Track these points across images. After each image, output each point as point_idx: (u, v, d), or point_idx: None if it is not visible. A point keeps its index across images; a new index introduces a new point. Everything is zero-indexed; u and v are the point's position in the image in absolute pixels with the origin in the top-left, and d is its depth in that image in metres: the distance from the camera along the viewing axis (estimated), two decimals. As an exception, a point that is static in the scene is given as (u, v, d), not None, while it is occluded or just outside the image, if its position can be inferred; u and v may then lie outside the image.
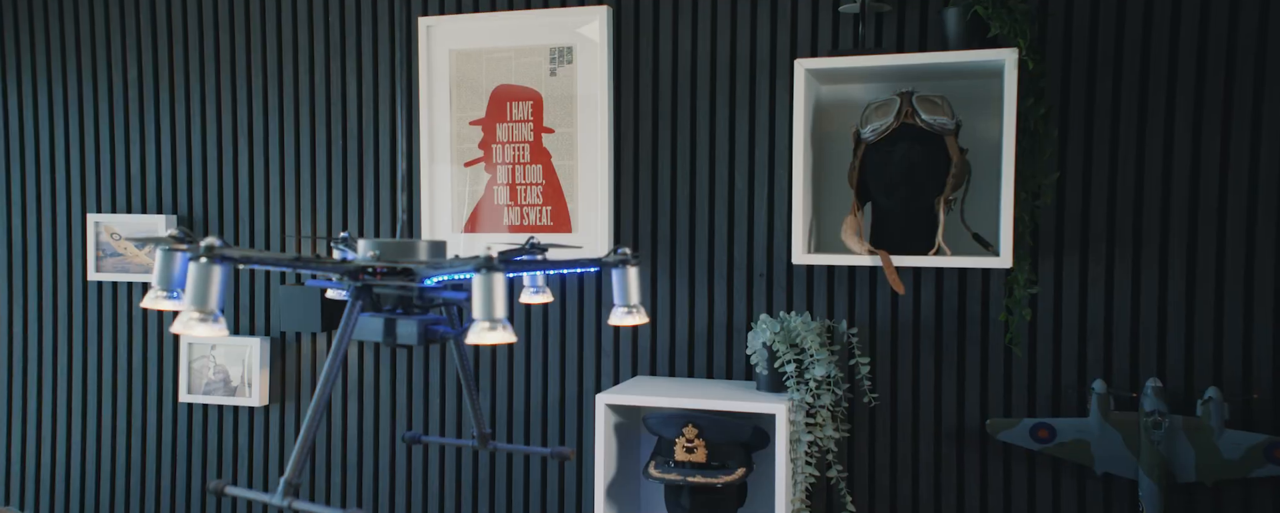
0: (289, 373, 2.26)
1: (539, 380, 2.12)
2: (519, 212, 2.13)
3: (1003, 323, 1.86)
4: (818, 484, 1.95)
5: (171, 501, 2.34)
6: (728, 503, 1.88)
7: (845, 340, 1.94)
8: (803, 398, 1.83)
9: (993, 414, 1.87)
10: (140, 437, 2.36)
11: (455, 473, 2.17)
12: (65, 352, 2.40)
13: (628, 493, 2.00)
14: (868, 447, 1.95)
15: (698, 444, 1.85)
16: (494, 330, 1.26)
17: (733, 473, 1.83)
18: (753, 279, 2.00)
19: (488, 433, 1.64)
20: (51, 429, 2.42)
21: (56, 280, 2.40)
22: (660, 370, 2.07)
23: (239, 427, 2.30)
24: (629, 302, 1.54)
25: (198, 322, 1.17)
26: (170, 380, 2.34)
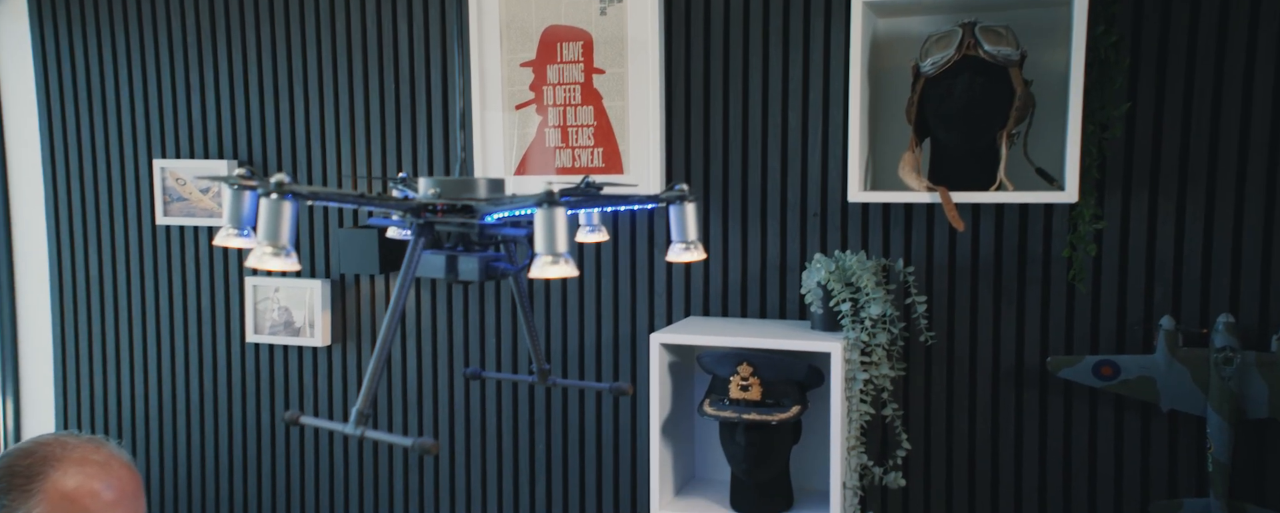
0: (350, 314, 2.27)
1: (592, 320, 2.10)
2: (570, 154, 2.08)
3: (1066, 259, 1.78)
4: (873, 422, 1.91)
5: (243, 435, 2.39)
6: (782, 440, 1.85)
7: (901, 279, 1.88)
8: (858, 337, 1.78)
9: (1053, 353, 1.80)
10: (212, 375, 2.40)
11: (513, 408, 2.17)
12: (138, 294, 2.44)
13: (682, 431, 1.99)
14: (924, 385, 1.90)
15: (752, 382, 1.82)
16: (556, 265, 1.24)
17: (787, 411, 1.79)
18: (806, 218, 1.94)
19: (547, 368, 1.62)
20: (129, 368, 2.47)
21: (127, 225, 2.43)
22: (713, 311, 2.03)
23: (304, 366, 2.32)
24: (687, 238, 1.49)
25: (271, 256, 1.18)
26: (237, 322, 2.36)
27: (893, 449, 1.90)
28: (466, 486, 2.21)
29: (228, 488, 2.41)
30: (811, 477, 1.97)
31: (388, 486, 2.28)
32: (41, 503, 1.26)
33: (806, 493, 1.95)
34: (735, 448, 1.83)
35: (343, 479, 2.31)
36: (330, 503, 2.33)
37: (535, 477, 2.16)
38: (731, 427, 1.85)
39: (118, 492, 1.31)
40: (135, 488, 1.34)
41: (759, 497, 1.85)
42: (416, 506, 2.26)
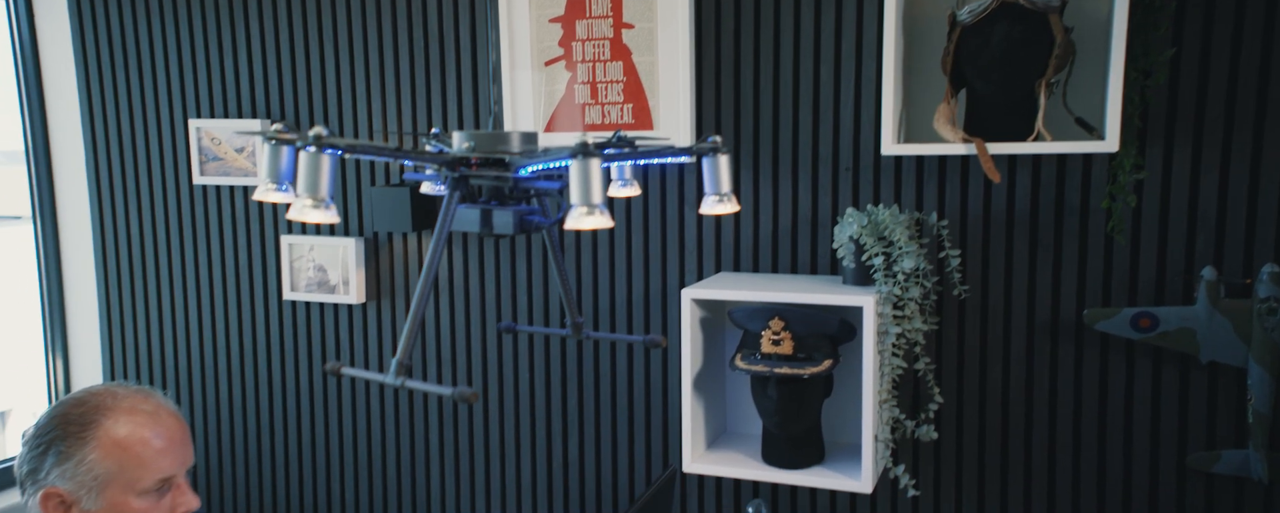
0: (383, 272, 2.28)
1: (623, 276, 2.09)
2: (600, 110, 2.06)
3: (1105, 210, 1.74)
4: (905, 376, 1.89)
5: (283, 389, 2.42)
6: (814, 394, 1.84)
7: (935, 233, 1.85)
8: (890, 291, 1.76)
9: (1090, 305, 1.77)
10: (251, 331, 2.43)
11: (545, 362, 2.18)
12: (178, 253, 2.46)
13: (713, 385, 1.98)
14: (957, 339, 1.87)
15: (784, 337, 1.81)
16: (592, 215, 1.23)
17: (819, 365, 1.78)
18: (838, 173, 1.91)
19: (580, 321, 1.62)
20: (172, 324, 2.51)
21: (165, 185, 2.45)
22: (744, 266, 2.01)
23: (339, 323, 2.34)
24: (720, 190, 1.48)
25: (311, 208, 1.18)
26: (274, 279, 2.38)
27: (925, 403, 1.89)
28: (501, 439, 2.23)
29: (269, 439, 2.45)
30: (843, 430, 1.97)
31: (423, 439, 2.30)
32: (96, 449, 1.29)
33: (838, 446, 1.94)
34: (767, 402, 1.83)
35: (380, 433, 2.34)
36: (367, 455, 2.36)
37: (567, 430, 2.18)
38: (763, 381, 1.84)
39: (166, 440, 1.34)
40: (183, 436, 1.37)
41: (791, 450, 1.85)
42: (451, 459, 2.28)
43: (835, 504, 1.99)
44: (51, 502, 1.30)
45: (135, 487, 1.30)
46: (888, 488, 1.95)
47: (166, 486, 1.34)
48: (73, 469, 1.28)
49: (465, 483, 2.27)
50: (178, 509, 1.35)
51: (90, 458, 1.28)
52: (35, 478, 1.30)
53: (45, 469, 1.29)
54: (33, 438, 1.31)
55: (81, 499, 1.29)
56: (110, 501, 1.29)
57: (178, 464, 1.34)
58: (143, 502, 1.31)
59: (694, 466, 1.87)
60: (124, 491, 1.30)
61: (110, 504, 1.29)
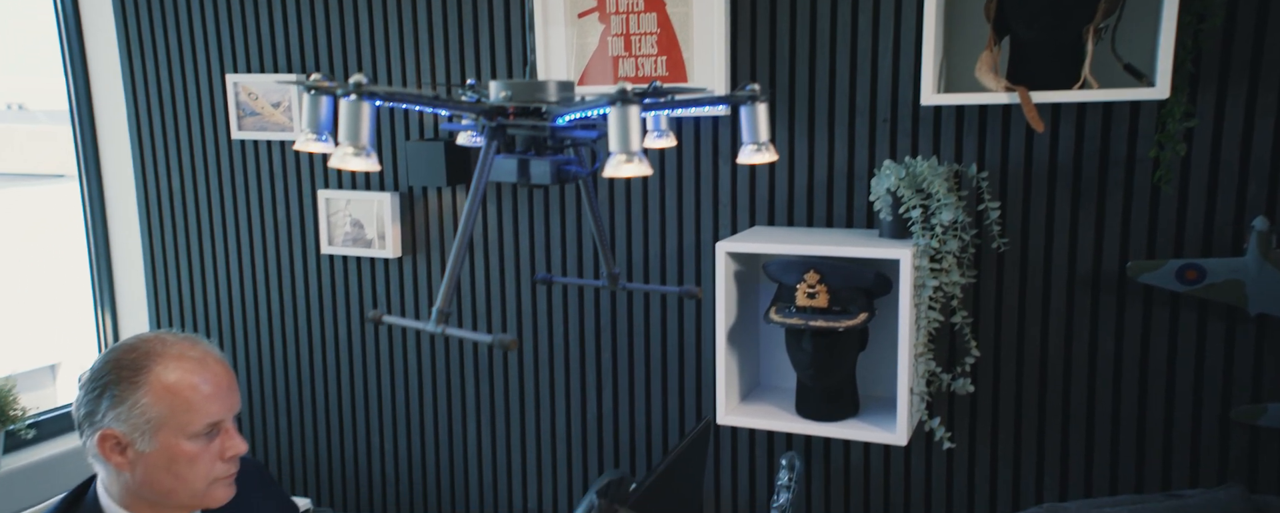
0: (418, 226, 2.29)
1: (657, 230, 2.07)
2: (634, 63, 2.03)
3: (1152, 160, 1.68)
4: (941, 330, 1.86)
5: (323, 341, 2.45)
6: (849, 347, 1.82)
7: (974, 184, 1.80)
8: (928, 244, 1.73)
9: (1134, 257, 1.73)
10: (291, 285, 2.45)
11: (579, 314, 2.18)
12: (218, 208, 2.49)
13: (747, 338, 1.97)
14: (995, 292, 1.84)
15: (819, 290, 1.78)
16: (630, 163, 1.21)
17: (854, 318, 1.76)
18: (876, 124, 1.87)
19: (616, 272, 1.61)
20: (215, 278, 2.54)
21: (205, 140, 2.46)
22: (779, 220, 1.98)
23: (376, 277, 2.35)
24: (758, 139, 1.45)
25: (352, 156, 1.18)
26: (312, 234, 2.40)
27: (961, 356, 1.86)
28: (536, 390, 2.25)
29: (309, 388, 2.49)
30: (878, 384, 1.95)
31: (460, 391, 2.32)
32: (148, 394, 1.31)
33: (872, 400, 1.93)
34: (801, 355, 1.81)
35: (417, 384, 2.36)
36: (405, 405, 2.39)
37: (601, 382, 2.18)
38: (798, 334, 1.82)
39: (214, 386, 1.35)
40: (229, 383, 1.39)
41: (825, 403, 1.83)
42: (487, 410, 2.30)
43: (869, 457, 1.98)
44: (108, 443, 1.32)
45: (186, 430, 1.32)
46: (922, 441, 1.93)
47: (215, 430, 1.36)
48: (127, 413, 1.31)
49: (501, 434, 2.30)
50: (227, 453, 1.37)
51: (143, 402, 1.31)
52: (92, 420, 1.32)
53: (101, 412, 1.32)
54: (88, 382, 1.33)
55: (136, 441, 1.32)
56: (163, 443, 1.32)
57: (225, 410, 1.36)
58: (193, 444, 1.33)
59: (728, 418, 1.86)
60: (175, 433, 1.32)
61: (163, 446, 1.32)
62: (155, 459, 1.32)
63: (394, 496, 2.43)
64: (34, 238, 2.93)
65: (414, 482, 2.41)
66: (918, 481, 1.94)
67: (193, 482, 1.34)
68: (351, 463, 2.46)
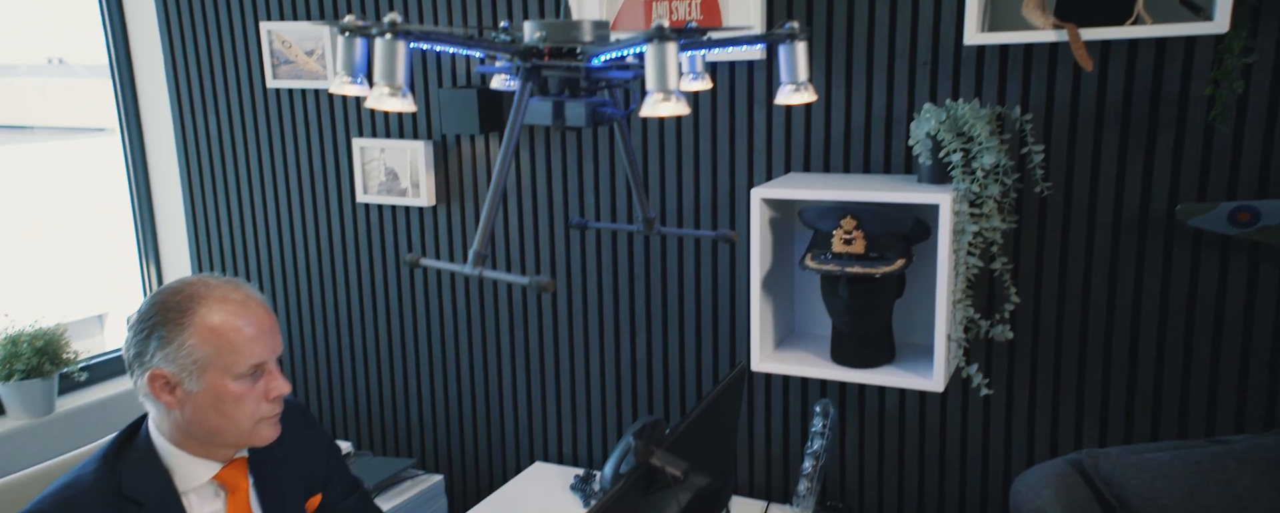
0: (452, 175, 2.28)
1: (690, 176, 2.04)
2: (667, 7, 1.98)
3: (1207, 98, 1.61)
4: (980, 276, 1.82)
5: (359, 287, 2.47)
6: (886, 294, 1.79)
7: (1018, 127, 1.75)
8: (968, 188, 1.68)
9: (1184, 200, 1.67)
10: (327, 234, 2.47)
11: (613, 260, 2.16)
12: (255, 156, 2.49)
13: (782, 286, 1.95)
14: (1036, 238, 1.79)
15: (856, 236, 1.75)
16: (668, 101, 1.18)
17: (892, 264, 1.73)
18: (916, 67, 1.81)
19: (652, 217, 1.59)
20: (253, 227, 2.56)
21: (240, 89, 2.46)
22: (815, 167, 1.94)
23: (411, 225, 2.35)
24: (797, 78, 1.41)
25: (388, 96, 1.17)
26: (347, 182, 2.40)
27: (1000, 303, 1.82)
28: (569, 336, 2.25)
29: (348, 334, 2.52)
30: (914, 331, 1.92)
31: (495, 337, 2.33)
32: (194, 335, 1.33)
33: (908, 347, 1.90)
34: (837, 301, 1.79)
35: (452, 330, 2.38)
36: (441, 351, 2.41)
37: (635, 329, 2.17)
38: (833, 281, 1.79)
39: (256, 328, 1.36)
40: (271, 325, 1.40)
41: (860, 349, 1.81)
42: (521, 357, 2.31)
43: (904, 404, 1.96)
44: (157, 382, 1.35)
45: (231, 371, 1.34)
46: (959, 388, 1.91)
47: (259, 371, 1.37)
48: (174, 353, 1.32)
49: (536, 379, 2.31)
50: (271, 393, 1.39)
51: (189, 343, 1.32)
52: (141, 361, 1.35)
53: (149, 353, 1.34)
54: (137, 323, 1.35)
55: (184, 381, 1.34)
56: (210, 383, 1.34)
57: (268, 351, 1.38)
58: (239, 385, 1.35)
59: (762, 364, 1.85)
60: (221, 374, 1.34)
61: (210, 387, 1.34)
62: (203, 399, 1.34)
63: (432, 441, 2.47)
64: (78, 191, 2.97)
65: (451, 427, 2.44)
66: (953, 427, 1.92)
67: (239, 421, 1.37)
68: (390, 408, 2.50)
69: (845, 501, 2.04)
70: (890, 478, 1.99)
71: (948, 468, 1.94)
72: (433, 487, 2.29)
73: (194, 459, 1.40)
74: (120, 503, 1.32)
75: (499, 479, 2.39)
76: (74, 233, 2.59)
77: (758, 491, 2.12)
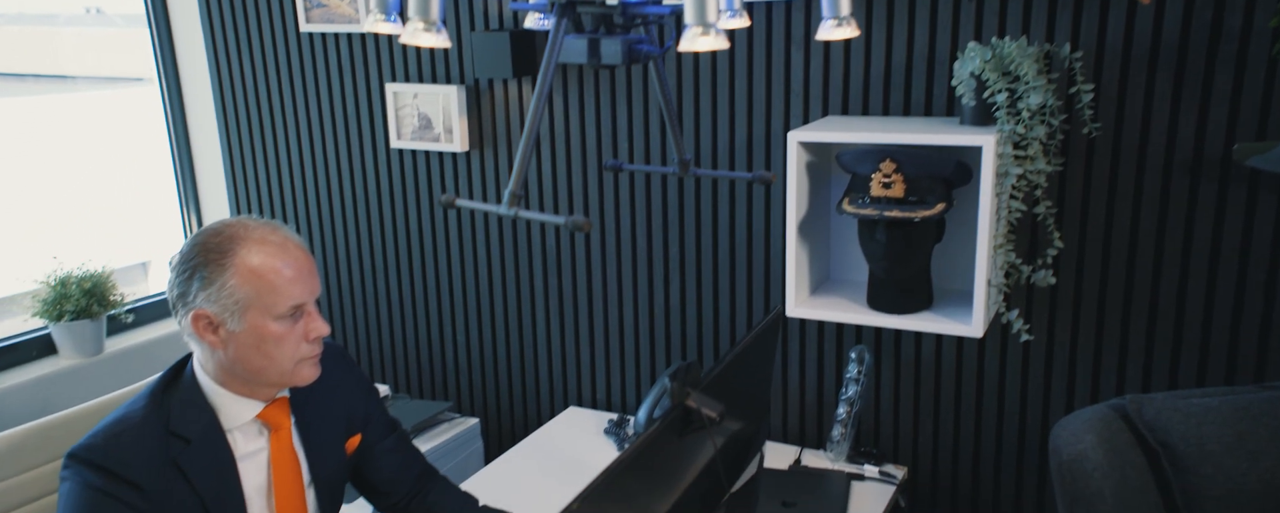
0: (485, 120, 2.25)
1: (726, 120, 2.00)
2: (703, -55, 1.91)
3: (1271, 30, 1.53)
4: (1023, 220, 1.77)
5: (394, 232, 2.47)
6: (925, 238, 1.75)
7: (1067, 66, 1.68)
8: (1013, 130, 1.62)
9: (1241, 140, 1.60)
10: (361, 179, 2.46)
11: (646, 204, 2.14)
12: (290, 101, 2.49)
13: (818, 231, 1.91)
14: (1083, 180, 1.73)
15: (895, 179, 1.70)
16: (707, 35, 1.14)
17: (932, 208, 1.68)
18: (960, 2, 1.74)
19: (688, 159, 1.56)
20: (290, 174, 2.57)
21: (274, 34, 2.44)
22: (853, 110, 1.89)
23: (444, 170, 2.34)
24: (839, 13, 1.36)
25: (423, 31, 1.14)
26: (381, 127, 2.39)
27: (1043, 248, 1.77)
28: (603, 281, 2.24)
29: (383, 278, 2.53)
30: (953, 277, 1.88)
31: (529, 282, 2.33)
32: (234, 276, 1.33)
33: (947, 293, 1.86)
34: (875, 246, 1.75)
35: (486, 275, 2.38)
36: (476, 296, 2.41)
37: (669, 274, 2.16)
38: (871, 225, 1.75)
39: (295, 270, 1.36)
40: (309, 267, 1.40)
41: (898, 295, 1.78)
42: (556, 302, 2.31)
43: (941, 350, 1.93)
44: (201, 322, 1.36)
45: (271, 311, 1.34)
46: (998, 334, 1.87)
47: (299, 312, 1.38)
48: (216, 294, 1.33)
49: (570, 324, 2.31)
50: (311, 334, 1.39)
51: (230, 284, 1.33)
52: (185, 301, 1.35)
53: (192, 293, 1.34)
54: (179, 264, 1.36)
55: (227, 321, 1.34)
56: (251, 323, 1.34)
57: (307, 293, 1.38)
58: (279, 325, 1.36)
59: (797, 310, 1.82)
60: (262, 314, 1.34)
61: (251, 327, 1.34)
62: (245, 339, 1.35)
63: (468, 385, 2.49)
64: (118, 141, 2.99)
65: (486, 372, 2.45)
66: (991, 373, 1.89)
67: (281, 361, 1.37)
68: (426, 353, 2.52)
69: (879, 446, 2.03)
70: (925, 424, 1.98)
71: (984, 415, 1.92)
72: (469, 429, 2.32)
73: (237, 398, 1.41)
74: (169, 439, 1.35)
75: (533, 423, 2.41)
76: (115, 182, 2.62)
77: (791, 436, 2.11)
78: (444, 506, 1.62)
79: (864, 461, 1.96)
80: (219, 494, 1.37)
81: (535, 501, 1.79)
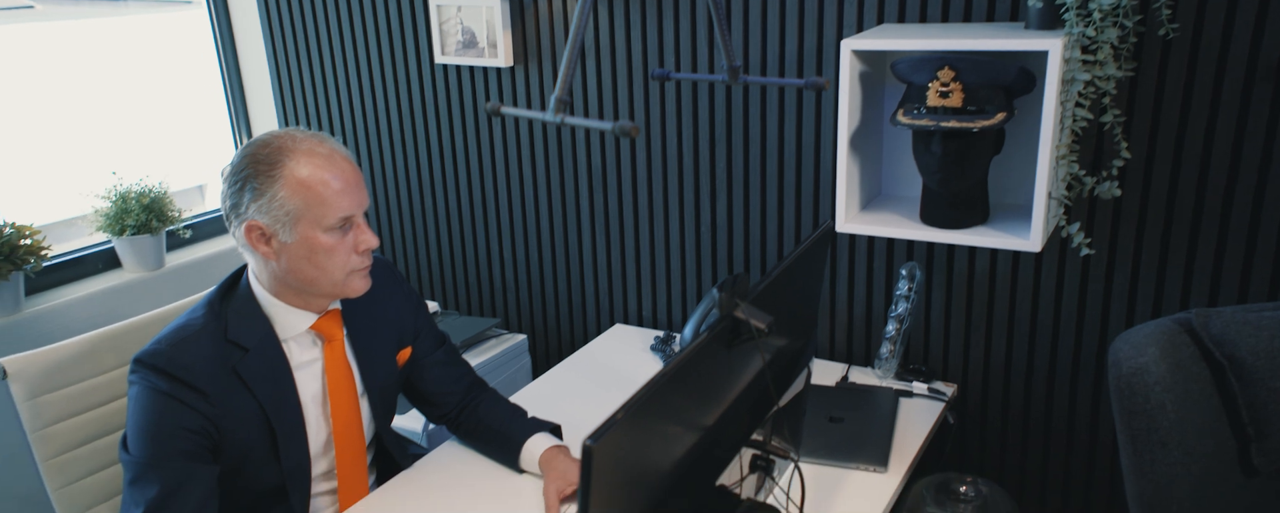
0: (530, 34, 2.19)
1: (776, 29, 1.91)
2: None
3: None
4: (1088, 130, 1.68)
5: (440, 149, 2.46)
6: (983, 150, 1.67)
7: (1144, -38, 1.56)
8: (1082, 33, 1.52)
9: (1334, 40, 1.47)
10: (407, 94, 2.44)
11: (693, 114, 2.07)
12: (335, 19, 2.44)
13: (870, 145, 1.84)
14: (1155, 87, 1.63)
15: (954, 88, 1.62)
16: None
17: (991, 118, 1.59)
18: (1030, -103, 1.61)
19: (737, 66, 1.50)
20: (337, 92, 2.55)
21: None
22: (910, 17, 1.79)
23: (489, 85, 2.30)
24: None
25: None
26: (425, 43, 2.34)
27: (1109, 159, 1.68)
28: (649, 198, 2.20)
29: (430, 197, 2.53)
30: (1010, 191, 1.80)
31: (575, 198, 2.30)
32: (284, 188, 1.33)
33: (1003, 208, 1.79)
34: (930, 158, 1.68)
35: (531, 191, 2.36)
36: (521, 213, 2.40)
37: (716, 189, 2.11)
38: (927, 137, 1.68)
39: (343, 182, 1.36)
40: (357, 179, 1.39)
41: (952, 209, 1.71)
42: (601, 220, 2.28)
43: (995, 266, 1.87)
44: (253, 233, 1.37)
45: (321, 223, 1.34)
46: (1056, 248, 1.80)
47: (348, 224, 1.38)
48: (267, 205, 1.33)
49: (616, 242, 2.29)
50: (360, 246, 1.40)
51: (280, 195, 1.33)
52: (238, 212, 1.36)
53: (244, 204, 1.35)
54: (230, 175, 1.36)
55: (278, 232, 1.35)
56: (302, 234, 1.35)
57: (355, 205, 1.37)
58: (329, 237, 1.36)
59: (847, 225, 1.77)
60: (312, 226, 1.34)
61: (302, 238, 1.35)
62: (296, 250, 1.36)
63: (515, 302, 2.50)
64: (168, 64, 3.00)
65: (532, 289, 2.46)
66: (1047, 289, 1.83)
67: (332, 272, 1.38)
68: (473, 270, 2.53)
69: (928, 364, 1.99)
70: (976, 342, 1.93)
71: (1038, 331, 1.86)
72: (516, 345, 2.34)
73: (291, 309, 1.43)
74: (227, 347, 1.37)
75: (579, 341, 2.43)
76: (169, 105, 2.63)
77: (838, 354, 2.09)
78: (494, 416, 1.64)
79: (912, 378, 1.93)
80: (277, 402, 1.40)
81: (582, 412, 1.81)
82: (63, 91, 2.38)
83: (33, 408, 1.42)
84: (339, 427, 1.49)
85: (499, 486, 1.57)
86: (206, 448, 1.33)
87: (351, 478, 1.53)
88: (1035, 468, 1.95)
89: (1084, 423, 1.87)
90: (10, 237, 2.03)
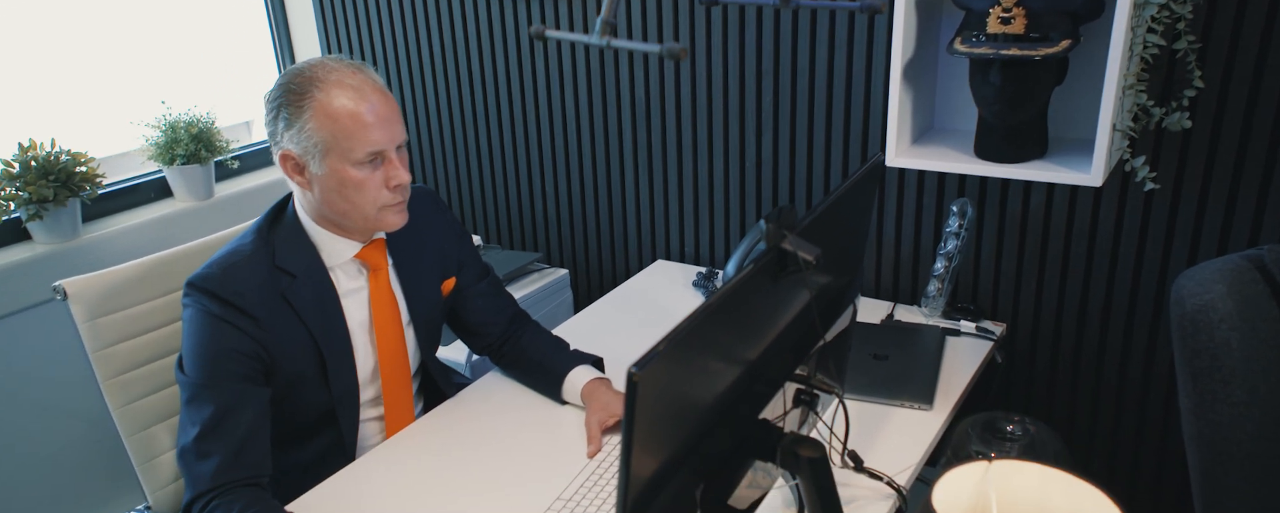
0: (572, -38, 2.12)
1: (829, -46, 1.82)
2: None
3: None
4: (1159, 58, 1.58)
5: (482, 81, 2.42)
6: (1044, 79, 1.59)
7: (1232, -127, 1.43)
8: (1159, -48, 1.41)
9: None
10: (450, 27, 2.39)
11: (739, 41, 2.00)
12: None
13: (924, 77, 1.76)
14: (1234, 10, 1.52)
15: (1016, 13, 1.53)
16: None
17: (1055, 45, 1.51)
18: None
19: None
20: (380, 23, 2.51)
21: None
22: (971, -64, 1.68)
23: (532, 15, 2.24)
24: None
25: None
26: (466, -29, 2.29)
27: (1180, 89, 1.59)
28: (693, 131, 2.15)
29: (473, 129, 2.50)
30: (1071, 124, 1.72)
31: (618, 132, 2.26)
32: (313, 118, 1.31)
33: (1063, 142, 1.71)
34: (988, 89, 1.60)
35: (575, 126, 2.32)
36: (564, 148, 2.37)
37: (762, 122, 2.05)
38: (985, 66, 1.59)
39: (374, 116, 1.33)
40: (390, 113, 1.36)
41: (1008, 143, 1.64)
42: (644, 153, 2.24)
43: (1051, 202, 1.80)
44: (288, 163, 1.36)
45: (349, 157, 1.32)
46: (1118, 184, 1.72)
47: (379, 159, 1.35)
48: (298, 135, 1.32)
49: (659, 177, 2.25)
50: (391, 182, 1.37)
51: (309, 126, 1.31)
52: (275, 140, 1.36)
53: (279, 133, 1.34)
54: (268, 103, 1.35)
55: (309, 163, 1.34)
56: (331, 167, 1.33)
57: (387, 139, 1.34)
58: (359, 172, 1.34)
59: (898, 159, 1.71)
60: (340, 159, 1.33)
61: (332, 171, 1.34)
62: (328, 182, 1.35)
63: (557, 237, 2.49)
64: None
65: (575, 224, 2.44)
66: (1106, 226, 1.76)
67: (363, 206, 1.37)
68: (516, 204, 2.52)
69: (977, 303, 1.94)
70: (1028, 280, 1.87)
71: (1094, 269, 1.80)
72: (559, 279, 2.34)
73: (335, 238, 1.43)
74: (276, 273, 1.38)
75: (622, 276, 2.41)
76: (217, 37, 2.63)
77: (884, 292, 2.05)
78: (536, 348, 1.64)
79: (960, 317, 1.88)
80: (325, 328, 1.41)
81: (624, 347, 1.80)
82: (112, 23, 2.38)
83: (92, 329, 1.45)
84: (385, 355, 1.50)
85: (542, 415, 1.58)
86: (259, 371, 1.35)
87: (398, 405, 1.55)
88: (1085, 409, 1.91)
89: (1136, 366, 1.82)
90: (67, 164, 2.06)
